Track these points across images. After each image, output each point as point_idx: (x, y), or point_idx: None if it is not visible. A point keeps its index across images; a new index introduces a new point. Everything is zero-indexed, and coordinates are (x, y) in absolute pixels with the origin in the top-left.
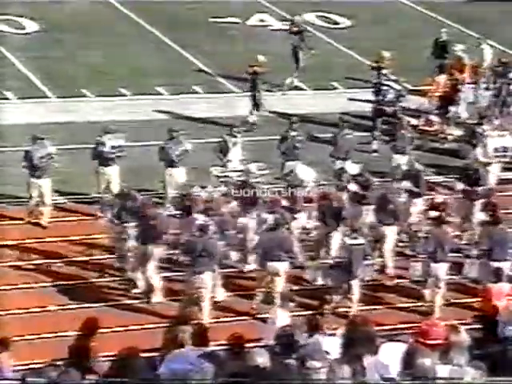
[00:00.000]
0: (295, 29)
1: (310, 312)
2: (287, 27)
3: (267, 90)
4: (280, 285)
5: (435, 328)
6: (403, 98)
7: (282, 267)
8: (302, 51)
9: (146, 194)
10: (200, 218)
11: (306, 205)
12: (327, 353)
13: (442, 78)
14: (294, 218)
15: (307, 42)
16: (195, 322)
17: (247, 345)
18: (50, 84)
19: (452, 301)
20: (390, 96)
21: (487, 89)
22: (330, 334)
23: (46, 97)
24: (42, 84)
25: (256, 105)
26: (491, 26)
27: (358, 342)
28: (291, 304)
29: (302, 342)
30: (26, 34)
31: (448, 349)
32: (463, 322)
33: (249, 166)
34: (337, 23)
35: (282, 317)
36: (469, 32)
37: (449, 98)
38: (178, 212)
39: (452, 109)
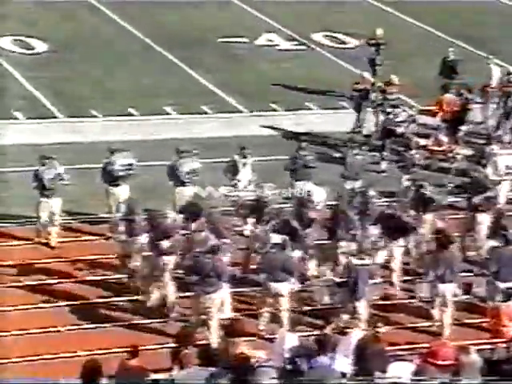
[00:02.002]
0: (372, 41)
1: (318, 332)
2: (366, 39)
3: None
4: (284, 305)
5: (445, 349)
6: (413, 123)
7: (285, 288)
8: (377, 64)
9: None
10: (212, 238)
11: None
12: (344, 375)
13: (448, 98)
14: (304, 237)
15: (382, 55)
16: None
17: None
18: (59, 104)
19: (461, 321)
20: (401, 118)
21: (496, 108)
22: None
23: (55, 117)
24: (51, 104)
25: (361, 120)
26: (496, 44)
27: (370, 358)
28: (300, 327)
29: (312, 363)
30: (36, 54)
31: (459, 370)
32: (472, 342)
33: (258, 186)
34: (344, 43)
35: (290, 338)
36: (475, 51)
37: (459, 118)
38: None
39: (462, 128)
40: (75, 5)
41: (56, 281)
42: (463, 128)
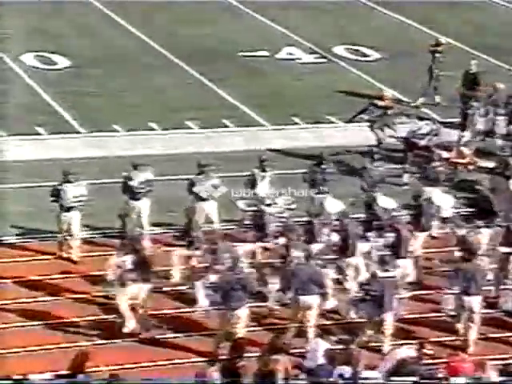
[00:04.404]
0: (432, 48)
1: (342, 346)
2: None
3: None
4: (313, 319)
5: (464, 364)
6: (436, 136)
7: (315, 301)
8: (433, 71)
9: (176, 228)
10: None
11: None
12: None
13: None
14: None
15: (437, 62)
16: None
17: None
18: (81, 119)
19: (487, 335)
20: (425, 130)
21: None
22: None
23: (78, 132)
24: (73, 119)
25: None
26: None
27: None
28: (333, 338)
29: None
30: (58, 69)
31: None
32: (499, 356)
33: (276, 199)
34: (366, 55)
35: (323, 347)
36: (498, 63)
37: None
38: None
39: (465, 134)
40: (97, 20)
41: (76, 296)
42: (466, 134)
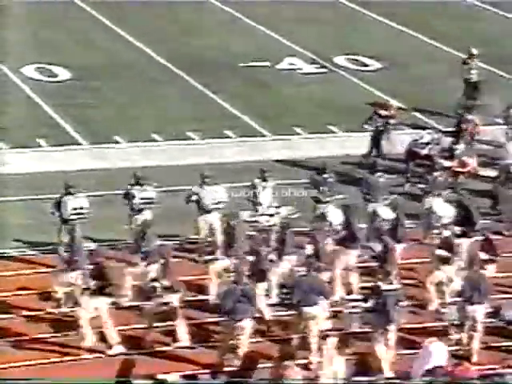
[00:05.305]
0: (467, 60)
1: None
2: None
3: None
4: (315, 329)
5: (468, 374)
6: (437, 145)
7: (318, 312)
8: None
9: (178, 239)
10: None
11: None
12: None
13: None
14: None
15: (466, 74)
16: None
17: None
18: (83, 131)
19: (490, 344)
20: (426, 139)
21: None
22: None
23: (79, 144)
24: (75, 131)
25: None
26: None
27: None
28: (347, 350)
29: None
30: (59, 81)
31: None
32: (501, 365)
33: (279, 209)
34: (366, 65)
35: (338, 362)
36: (498, 71)
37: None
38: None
39: (459, 147)
40: (98, 31)
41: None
42: (460, 147)
